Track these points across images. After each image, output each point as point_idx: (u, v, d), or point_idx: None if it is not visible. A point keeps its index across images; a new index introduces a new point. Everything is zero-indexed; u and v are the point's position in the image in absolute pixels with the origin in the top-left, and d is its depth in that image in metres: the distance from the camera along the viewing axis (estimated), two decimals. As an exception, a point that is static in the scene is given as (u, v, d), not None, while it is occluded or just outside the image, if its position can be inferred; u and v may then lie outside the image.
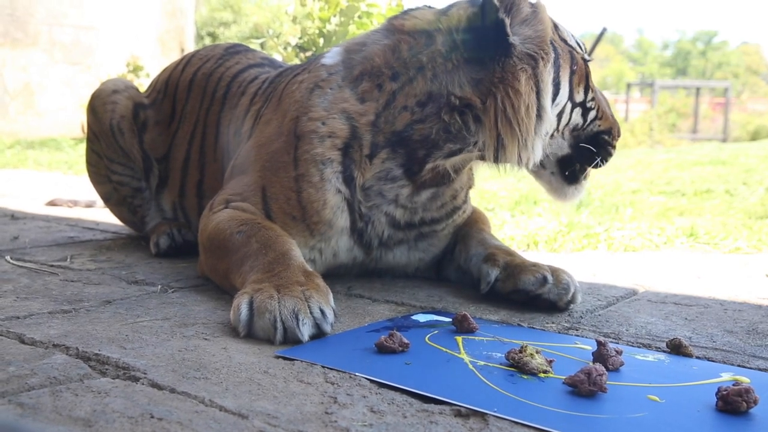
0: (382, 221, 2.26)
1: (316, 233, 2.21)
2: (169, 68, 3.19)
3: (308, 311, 1.73)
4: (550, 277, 2.11)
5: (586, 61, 2.27)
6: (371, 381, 1.45)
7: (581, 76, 2.23)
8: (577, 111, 2.25)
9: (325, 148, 2.17)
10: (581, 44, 2.30)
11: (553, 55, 2.13)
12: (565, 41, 2.22)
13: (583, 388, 1.40)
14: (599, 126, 2.32)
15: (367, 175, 2.19)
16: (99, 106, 3.05)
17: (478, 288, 2.25)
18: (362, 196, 2.21)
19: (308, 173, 2.18)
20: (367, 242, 2.28)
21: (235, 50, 3.08)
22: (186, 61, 3.12)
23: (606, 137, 2.33)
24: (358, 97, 2.20)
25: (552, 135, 2.22)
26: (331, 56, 2.34)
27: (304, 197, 2.19)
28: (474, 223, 2.50)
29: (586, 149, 2.30)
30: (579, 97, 2.23)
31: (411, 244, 2.37)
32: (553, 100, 2.15)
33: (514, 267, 2.17)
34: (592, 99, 2.27)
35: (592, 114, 2.28)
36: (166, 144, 3.00)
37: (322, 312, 1.76)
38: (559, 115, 2.20)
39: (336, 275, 2.33)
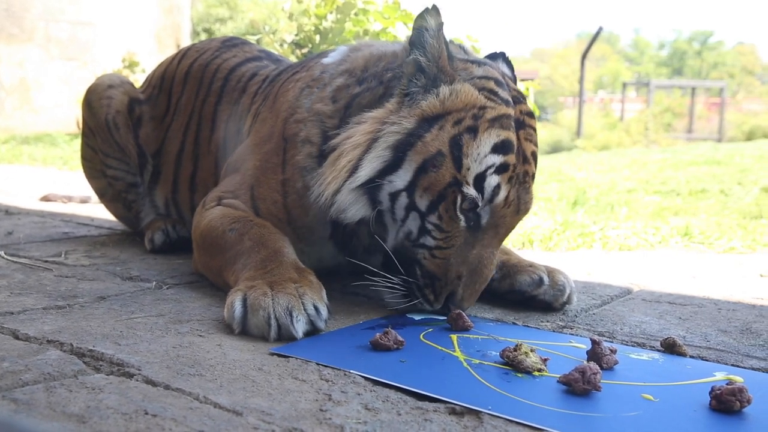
0: (364, 232, 2.17)
1: (302, 238, 2.20)
2: (165, 63, 3.18)
3: (302, 308, 1.73)
4: (546, 278, 2.11)
5: (458, 189, 1.84)
6: (366, 378, 1.45)
7: (432, 187, 1.86)
8: (415, 217, 1.90)
9: (304, 155, 2.15)
10: (486, 183, 1.85)
11: (409, 126, 1.89)
12: (454, 145, 1.85)
13: (578, 387, 1.40)
14: (425, 259, 1.91)
15: None
16: (94, 101, 3.05)
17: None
18: None
19: (293, 179, 2.17)
20: (351, 251, 2.25)
21: (232, 43, 3.07)
22: (182, 55, 3.11)
23: (421, 279, 1.92)
24: (332, 96, 2.16)
25: (391, 216, 1.95)
26: (334, 55, 2.32)
27: (288, 202, 2.18)
28: None
29: (393, 264, 1.95)
30: (420, 203, 1.88)
31: None
32: (386, 171, 1.89)
33: (510, 267, 2.17)
34: (437, 228, 1.88)
35: (427, 239, 1.90)
36: (161, 138, 2.99)
37: (316, 309, 1.75)
38: (393, 198, 1.91)
39: (328, 274, 2.33)
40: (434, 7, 1.92)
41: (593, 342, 1.61)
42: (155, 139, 3.00)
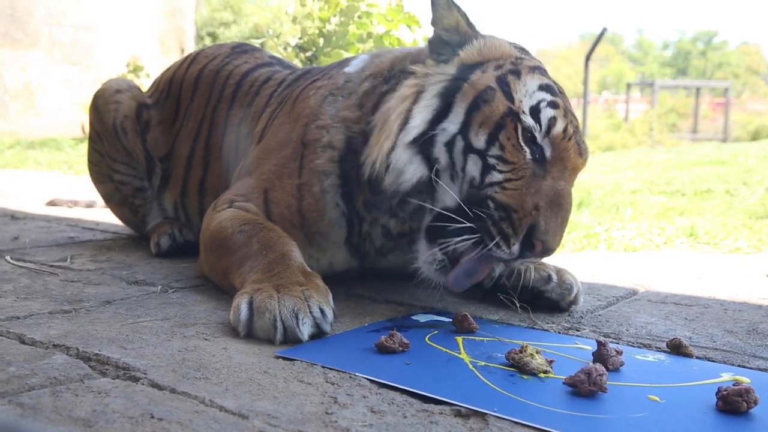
0: (378, 233, 2.21)
1: (313, 243, 2.21)
2: (173, 67, 3.19)
3: (308, 311, 1.73)
4: (554, 276, 2.11)
5: (515, 118, 1.85)
6: (371, 381, 1.45)
7: (488, 120, 1.86)
8: (474, 159, 1.87)
9: (325, 160, 2.16)
10: (542, 115, 1.87)
11: (452, 71, 1.95)
12: (501, 82, 1.89)
13: (584, 388, 1.40)
14: (496, 193, 1.83)
15: (366, 194, 2.15)
16: (102, 105, 3.06)
17: (480, 285, 2.22)
18: (364, 212, 2.17)
19: (310, 182, 2.17)
20: (363, 253, 2.27)
21: (242, 49, 3.08)
22: (191, 59, 3.12)
23: (495, 211, 1.82)
24: (358, 103, 2.18)
25: (450, 174, 1.92)
26: (356, 63, 2.33)
27: (304, 206, 2.18)
28: None
29: (464, 215, 1.84)
30: (477, 141, 1.87)
31: (405, 249, 2.33)
32: (437, 119, 1.91)
33: None
34: (501, 160, 1.84)
35: (494, 175, 1.85)
36: (170, 143, 3.00)
37: (322, 311, 1.76)
38: (449, 147, 1.90)
39: (334, 278, 2.33)
40: None
41: (599, 343, 1.61)
42: (164, 144, 3.01)
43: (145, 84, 9.49)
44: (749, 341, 1.87)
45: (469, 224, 1.84)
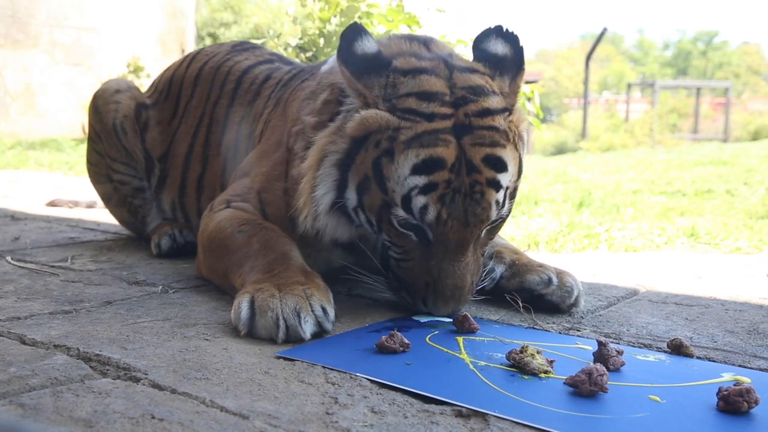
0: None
1: (308, 243, 2.19)
2: (173, 67, 3.19)
3: (310, 309, 1.73)
4: (555, 279, 2.10)
5: (387, 208, 1.88)
6: (372, 381, 1.45)
7: (372, 207, 1.91)
8: (377, 231, 2.00)
9: (297, 169, 2.10)
10: (413, 204, 1.82)
11: (344, 146, 1.91)
12: (376, 168, 1.85)
13: (584, 389, 1.40)
14: (397, 267, 2.00)
15: None
16: (102, 105, 3.06)
17: (480, 287, 2.22)
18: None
19: (292, 189, 2.14)
20: (359, 250, 2.25)
21: (242, 47, 3.08)
22: (191, 58, 3.12)
23: (393, 281, 2.02)
24: (320, 109, 2.10)
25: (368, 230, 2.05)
26: (330, 61, 2.28)
27: (291, 209, 2.18)
28: None
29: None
30: (370, 224, 1.97)
31: None
32: (341, 188, 1.96)
33: (520, 266, 2.17)
34: (392, 243, 1.96)
35: (391, 251, 2.00)
36: (167, 142, 2.99)
37: (324, 310, 1.76)
38: (356, 213, 2.01)
39: (334, 277, 2.32)
40: (353, 25, 1.93)
41: (600, 343, 1.61)
42: (162, 143, 3.01)
43: (145, 85, 9.50)
44: (750, 341, 1.87)
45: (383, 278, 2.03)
